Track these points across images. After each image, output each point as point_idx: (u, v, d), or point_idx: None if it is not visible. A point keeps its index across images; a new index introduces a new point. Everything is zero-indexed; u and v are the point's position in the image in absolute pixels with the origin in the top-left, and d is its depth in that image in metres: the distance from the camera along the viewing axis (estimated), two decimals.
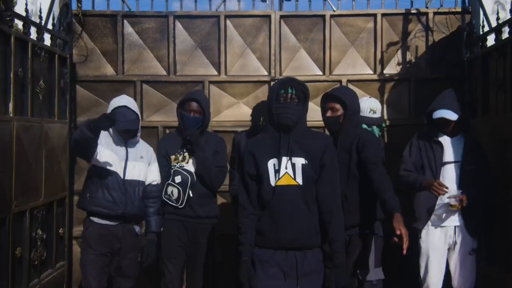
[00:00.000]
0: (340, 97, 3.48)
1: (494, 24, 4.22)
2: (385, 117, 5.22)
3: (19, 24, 3.62)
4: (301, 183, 2.85)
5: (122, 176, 3.63)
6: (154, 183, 3.80)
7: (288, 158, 2.87)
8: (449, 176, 3.71)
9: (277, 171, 2.87)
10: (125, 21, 5.22)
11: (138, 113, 3.75)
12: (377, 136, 4.05)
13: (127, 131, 3.65)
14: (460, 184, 3.68)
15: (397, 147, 4.47)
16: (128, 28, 5.24)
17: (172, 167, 3.85)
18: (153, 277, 4.68)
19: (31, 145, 3.62)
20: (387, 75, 5.27)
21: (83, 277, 3.67)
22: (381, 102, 5.22)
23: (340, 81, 5.24)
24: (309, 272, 2.87)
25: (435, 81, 5.08)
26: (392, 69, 5.29)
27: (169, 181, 3.82)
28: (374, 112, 4.14)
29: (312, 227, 2.89)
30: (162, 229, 3.86)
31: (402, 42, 5.26)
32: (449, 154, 3.75)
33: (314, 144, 2.93)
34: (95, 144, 3.42)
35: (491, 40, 4.31)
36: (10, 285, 3.35)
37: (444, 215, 3.71)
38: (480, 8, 4.39)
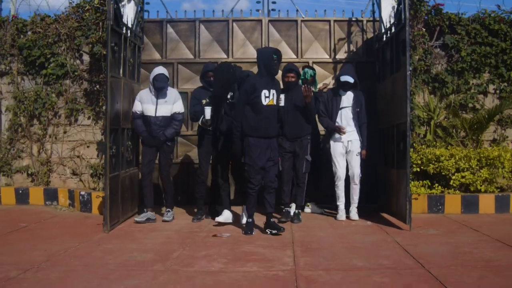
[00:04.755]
0: (297, 71, 7.22)
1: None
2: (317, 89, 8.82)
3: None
4: (275, 103, 6.44)
5: (154, 115, 7.16)
6: (178, 112, 7.29)
7: (273, 90, 6.40)
8: (346, 115, 7.28)
9: (267, 97, 6.33)
10: (168, 25, 8.92)
11: (168, 76, 7.26)
12: (316, 89, 7.71)
13: (161, 87, 7.16)
14: (352, 119, 7.27)
15: None
16: (170, 29, 8.93)
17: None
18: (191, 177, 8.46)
19: (127, 93, 7.28)
20: (338, 59, 8.90)
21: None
22: (334, 77, 8.87)
23: (307, 62, 8.85)
24: (275, 147, 6.50)
25: (368, 63, 8.72)
26: (341, 55, 8.94)
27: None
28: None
29: (278, 127, 6.52)
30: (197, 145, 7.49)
31: (347, 38, 8.92)
32: (345, 102, 7.32)
33: (277, 83, 6.58)
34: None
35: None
36: (120, 168, 7.03)
37: (341, 137, 7.26)
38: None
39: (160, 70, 7.21)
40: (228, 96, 6.88)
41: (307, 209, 7.92)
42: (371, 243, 5.90)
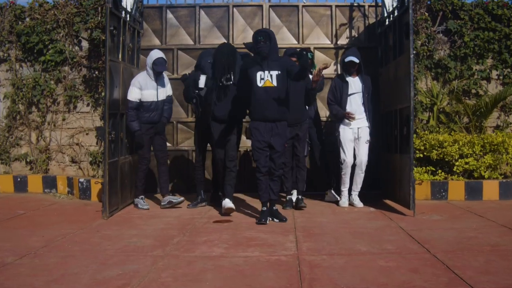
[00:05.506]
0: (298, 54, 7.00)
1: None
2: (338, 71, 8.68)
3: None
4: (275, 85, 6.11)
5: (156, 99, 7.01)
6: (169, 95, 7.22)
7: (272, 71, 6.08)
8: (355, 101, 7.07)
9: (262, 78, 6.04)
10: (168, 10, 8.73)
11: (166, 59, 7.08)
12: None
13: (162, 71, 7.01)
14: (362, 105, 7.09)
15: None
16: (169, 15, 8.76)
17: None
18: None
19: (126, 77, 7.11)
20: (339, 45, 8.73)
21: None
22: (336, 63, 8.72)
23: (309, 48, 8.64)
24: (278, 133, 6.18)
25: (370, 49, 8.53)
26: (343, 40, 8.77)
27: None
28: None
29: (281, 110, 6.13)
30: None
31: (349, 23, 8.74)
32: (353, 88, 7.09)
33: (282, 63, 6.21)
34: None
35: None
36: (119, 154, 6.89)
37: (351, 123, 7.06)
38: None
39: (158, 53, 7.05)
40: (224, 79, 6.53)
41: (326, 198, 7.66)
42: (375, 228, 5.76)
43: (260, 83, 6.11)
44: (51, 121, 8.85)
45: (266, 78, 6.11)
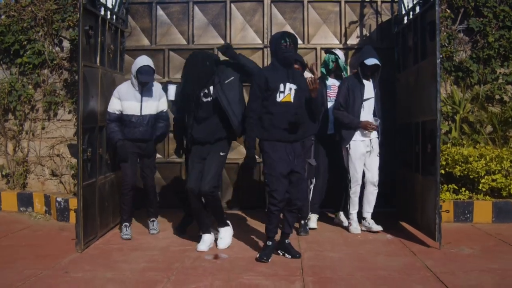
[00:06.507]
0: (301, 61, 5.97)
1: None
2: (348, 75, 7.59)
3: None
4: (292, 101, 5.00)
5: (139, 114, 5.86)
6: (164, 111, 6.02)
7: (290, 84, 4.95)
8: (369, 108, 6.00)
9: (281, 92, 4.91)
10: (158, 6, 7.64)
11: (154, 67, 5.91)
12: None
13: (147, 82, 5.86)
14: (374, 112, 6.04)
15: None
16: (160, 11, 7.66)
17: None
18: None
19: (107, 84, 6.01)
20: (349, 45, 7.62)
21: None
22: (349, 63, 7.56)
23: (315, 49, 7.60)
24: (299, 154, 5.11)
25: (383, 50, 7.35)
26: (352, 40, 7.66)
27: None
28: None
29: (301, 129, 5.05)
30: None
31: (360, 21, 7.63)
32: (368, 92, 6.00)
33: (301, 77, 5.18)
34: None
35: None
36: (97, 174, 5.81)
37: (364, 133, 5.99)
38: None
39: (144, 61, 5.87)
40: (201, 94, 5.35)
41: (335, 220, 6.62)
42: (398, 270, 4.66)
43: (279, 98, 4.98)
44: (29, 130, 7.74)
45: (287, 92, 4.99)
